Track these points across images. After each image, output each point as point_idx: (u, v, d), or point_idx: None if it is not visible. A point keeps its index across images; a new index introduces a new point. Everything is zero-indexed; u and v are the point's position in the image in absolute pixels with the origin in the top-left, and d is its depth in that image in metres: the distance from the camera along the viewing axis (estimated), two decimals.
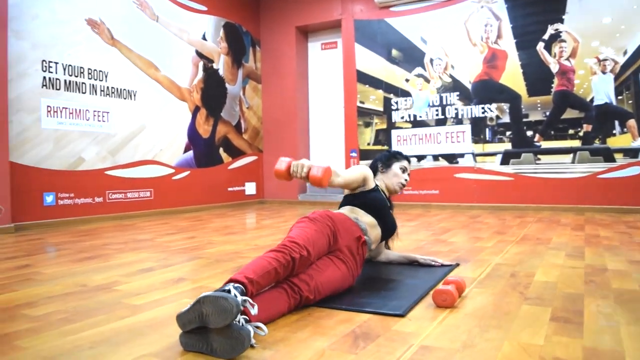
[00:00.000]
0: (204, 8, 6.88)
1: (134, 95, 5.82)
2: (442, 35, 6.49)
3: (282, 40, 7.74)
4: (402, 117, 6.78)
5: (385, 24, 6.85)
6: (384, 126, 6.92)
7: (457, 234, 4.02)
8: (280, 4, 7.74)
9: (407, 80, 6.73)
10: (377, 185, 2.51)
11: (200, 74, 6.80)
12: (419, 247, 3.39)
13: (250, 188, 7.74)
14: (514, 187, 6.08)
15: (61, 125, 5.03)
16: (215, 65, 7.06)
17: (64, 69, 5.06)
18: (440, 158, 6.52)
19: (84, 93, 5.26)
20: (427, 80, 6.60)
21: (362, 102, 7.05)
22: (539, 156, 5.96)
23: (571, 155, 5.78)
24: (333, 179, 2.22)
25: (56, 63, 4.99)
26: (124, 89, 5.69)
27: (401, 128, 6.80)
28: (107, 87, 5.50)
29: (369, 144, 7.02)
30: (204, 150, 6.87)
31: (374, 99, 6.97)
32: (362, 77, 7.03)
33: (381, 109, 6.93)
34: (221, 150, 7.17)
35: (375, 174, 2.66)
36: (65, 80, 5.07)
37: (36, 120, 4.82)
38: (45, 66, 4.90)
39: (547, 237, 3.72)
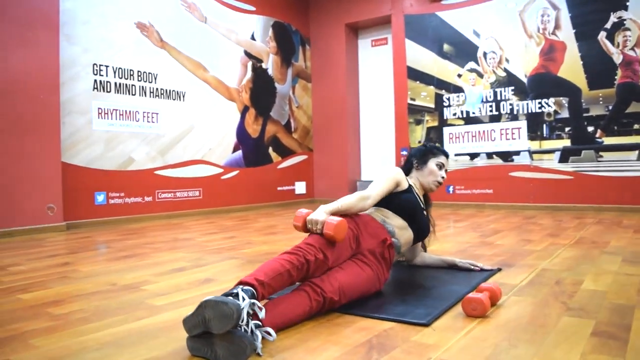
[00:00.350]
0: (253, 8, 6.90)
1: (183, 96, 5.91)
2: (495, 27, 6.21)
3: (331, 38, 7.66)
4: (455, 114, 6.54)
5: (436, 18, 6.63)
6: (436, 123, 6.71)
7: (506, 235, 3.80)
8: (330, 2, 7.67)
9: (459, 76, 6.48)
10: (410, 186, 2.37)
11: (249, 73, 6.82)
12: (462, 250, 3.22)
13: (300, 187, 7.71)
14: (573, 186, 5.72)
15: (112, 126, 5.17)
16: (264, 65, 7.07)
17: (114, 72, 5.20)
18: (494, 156, 6.24)
19: (134, 95, 5.38)
20: (481, 75, 6.33)
21: (412, 99, 6.86)
22: (600, 153, 5.57)
23: (637, 152, 5.36)
24: (364, 204, 2.12)
25: (107, 66, 5.13)
26: (173, 90, 5.79)
27: (453, 125, 6.56)
28: (157, 89, 5.61)
29: (419, 142, 6.82)
30: (253, 150, 6.89)
31: (425, 96, 6.77)
32: (412, 73, 6.84)
33: (432, 105, 6.72)
34: (270, 149, 7.18)
35: (409, 171, 2.51)
36: (115, 83, 5.21)
37: (88, 122, 4.98)
38: (96, 69, 5.05)
39: (604, 240, 3.44)
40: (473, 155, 6.37)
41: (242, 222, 5.17)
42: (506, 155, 6.15)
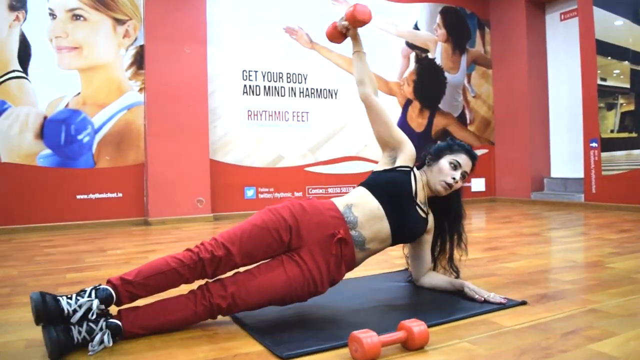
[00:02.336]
0: None
1: (335, 94, 6.02)
2: None
3: (513, 16, 6.83)
4: None
5: None
6: (632, 107, 5.43)
7: None
8: None
9: None
10: (410, 170, 1.98)
11: (412, 65, 6.57)
12: (542, 269, 2.61)
13: (477, 184, 7.11)
14: None
15: (261, 127, 5.58)
16: (430, 55, 6.72)
17: (263, 76, 5.59)
18: None
19: (283, 96, 5.70)
20: None
21: (603, 79, 5.68)
22: None
23: None
24: (367, 83, 2.01)
25: (255, 71, 5.55)
26: (324, 89, 5.94)
27: None
28: (307, 89, 5.84)
29: (612, 131, 5.62)
30: (417, 145, 6.51)
31: (618, 74, 5.54)
32: (603, 47, 5.65)
33: (627, 85, 5.46)
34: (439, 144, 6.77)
35: (421, 167, 2.13)
36: (264, 86, 5.60)
37: (238, 124, 5.47)
38: (246, 75, 5.51)
39: None
40: None
41: None
42: None
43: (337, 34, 2.04)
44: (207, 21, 5.22)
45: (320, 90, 5.93)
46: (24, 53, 4.54)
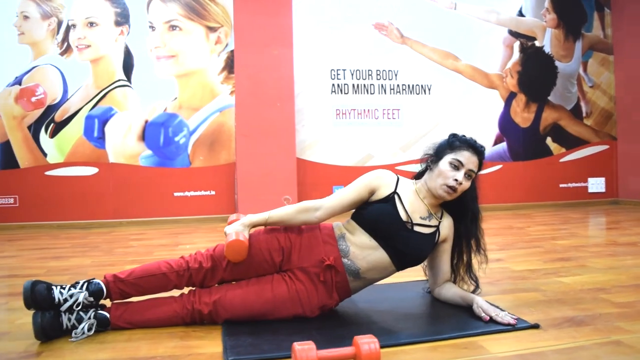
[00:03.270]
0: None
1: (429, 89, 5.81)
2: None
3: None
4: None
5: None
6: None
7: None
8: None
9: None
10: (393, 194, 1.88)
11: (516, 55, 6.10)
12: (603, 287, 2.30)
13: (596, 185, 6.41)
14: None
15: (350, 125, 5.57)
16: (537, 43, 6.18)
17: (352, 74, 5.58)
18: None
19: (372, 94, 5.64)
20: None
21: None
22: None
23: None
24: (309, 217, 1.83)
25: (344, 70, 5.56)
26: (417, 85, 5.77)
27: None
28: (397, 85, 5.71)
29: None
30: (522, 141, 6.14)
31: None
32: None
33: None
34: (549, 140, 6.24)
35: (423, 174, 2.02)
36: (353, 84, 5.58)
37: (327, 123, 5.52)
38: (334, 74, 5.54)
39: None
40: None
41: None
42: None
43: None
44: (293, 23, 5.33)
45: (412, 86, 5.76)
46: (128, 63, 5.03)
